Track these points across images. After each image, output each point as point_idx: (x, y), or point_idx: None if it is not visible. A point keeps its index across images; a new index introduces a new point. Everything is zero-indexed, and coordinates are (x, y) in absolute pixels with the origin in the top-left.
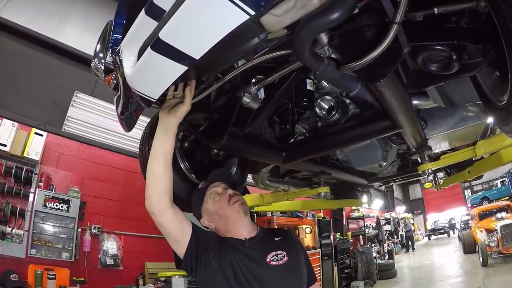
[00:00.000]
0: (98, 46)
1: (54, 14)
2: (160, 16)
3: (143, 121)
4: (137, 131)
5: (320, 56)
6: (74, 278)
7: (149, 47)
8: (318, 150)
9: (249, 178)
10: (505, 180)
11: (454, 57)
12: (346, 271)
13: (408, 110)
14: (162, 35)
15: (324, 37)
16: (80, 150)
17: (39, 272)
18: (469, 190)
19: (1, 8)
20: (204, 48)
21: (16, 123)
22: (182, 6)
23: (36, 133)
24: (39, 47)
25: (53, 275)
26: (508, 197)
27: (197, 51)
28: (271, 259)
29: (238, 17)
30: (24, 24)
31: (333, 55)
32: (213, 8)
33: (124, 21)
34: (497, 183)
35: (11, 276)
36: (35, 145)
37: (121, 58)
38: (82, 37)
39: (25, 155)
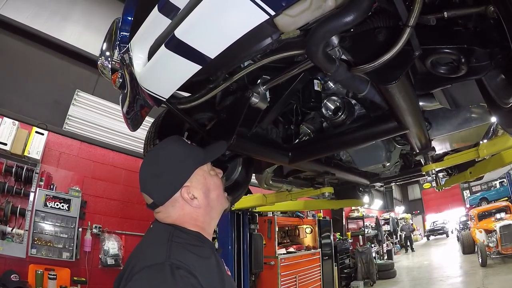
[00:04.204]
0: (105, 44)
1: (55, 12)
2: (174, 14)
3: (147, 121)
4: (140, 131)
5: (332, 57)
6: (75, 278)
7: (163, 45)
8: (324, 150)
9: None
10: (504, 181)
11: (463, 60)
12: (346, 271)
13: (416, 112)
14: (178, 33)
15: (335, 39)
16: (81, 149)
17: (39, 272)
18: (468, 191)
19: (2, 6)
20: (220, 47)
21: (16, 122)
22: (201, 4)
23: (37, 132)
24: (40, 45)
25: (53, 275)
26: (507, 198)
27: (213, 51)
28: (226, 268)
29: (257, 17)
30: (25, 22)
31: (343, 56)
32: (233, 7)
33: (132, 19)
34: (496, 184)
35: (11, 276)
36: (36, 144)
37: (130, 56)
38: (83, 35)
39: (25, 154)
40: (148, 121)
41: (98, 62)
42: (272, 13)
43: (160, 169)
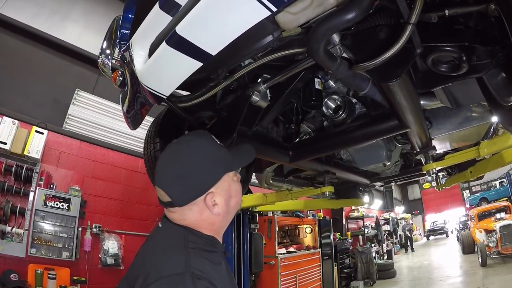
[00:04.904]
0: (105, 42)
1: (56, 12)
2: (175, 10)
3: (147, 120)
4: (140, 130)
5: (333, 55)
6: (75, 277)
7: (164, 41)
8: (325, 149)
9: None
10: (503, 181)
11: (464, 58)
12: (345, 270)
13: (417, 110)
14: (179, 29)
15: (336, 36)
16: (80, 149)
17: (39, 271)
18: (467, 191)
19: (2, 5)
20: (222, 44)
21: (16, 121)
22: (203, 0)
23: (36, 131)
24: (40, 45)
25: (53, 274)
26: (507, 198)
27: (214, 47)
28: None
29: (259, 13)
30: (25, 22)
31: (344, 54)
32: (235, 3)
33: (133, 16)
34: (496, 184)
35: (11, 276)
36: (36, 143)
37: (131, 54)
38: (83, 35)
39: (25, 153)
40: (148, 120)
41: (99, 60)
42: (274, 9)
43: (187, 168)
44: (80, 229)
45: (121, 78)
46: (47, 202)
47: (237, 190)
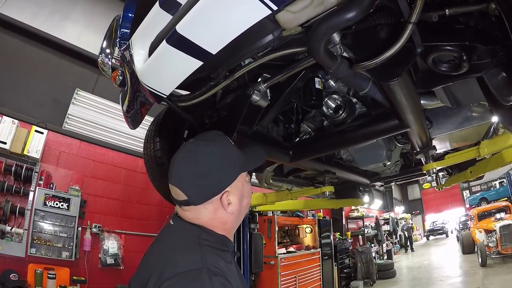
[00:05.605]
0: (105, 41)
1: (55, 11)
2: (175, 9)
3: (147, 119)
4: (140, 130)
5: (333, 54)
6: (74, 277)
7: (164, 40)
8: (325, 149)
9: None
10: (503, 181)
11: (464, 57)
12: (345, 270)
13: (417, 110)
14: (180, 28)
15: (336, 36)
16: (80, 148)
17: (39, 271)
18: (467, 191)
19: (2, 5)
20: (222, 43)
21: (16, 121)
22: None
23: (36, 131)
24: (40, 44)
25: (53, 274)
26: (506, 198)
27: (214, 46)
28: None
29: (260, 12)
30: (25, 21)
31: (344, 54)
32: (236, 2)
33: (133, 15)
34: (495, 184)
35: (10, 276)
36: (36, 143)
37: (131, 53)
38: (83, 34)
39: (25, 153)
40: (148, 120)
41: (98, 60)
42: (275, 8)
43: (207, 168)
44: (80, 229)
45: (121, 78)
46: (47, 202)
47: (249, 191)
